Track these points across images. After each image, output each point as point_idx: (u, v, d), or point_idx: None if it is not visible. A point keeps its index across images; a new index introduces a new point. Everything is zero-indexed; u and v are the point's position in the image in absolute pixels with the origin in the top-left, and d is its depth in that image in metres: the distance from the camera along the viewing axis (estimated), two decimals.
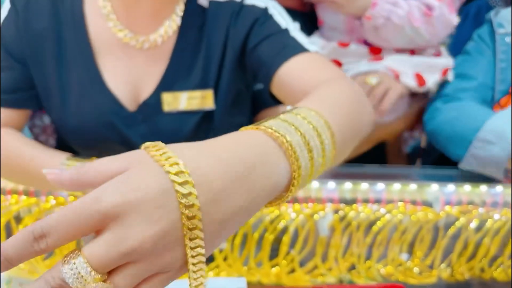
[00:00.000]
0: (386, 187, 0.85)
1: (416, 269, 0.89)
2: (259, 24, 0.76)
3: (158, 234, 0.31)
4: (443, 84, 1.05)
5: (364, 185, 0.85)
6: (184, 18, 0.77)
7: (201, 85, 0.79)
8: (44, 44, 0.77)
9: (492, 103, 1.01)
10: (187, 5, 0.78)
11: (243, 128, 0.40)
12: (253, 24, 0.76)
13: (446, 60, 1.06)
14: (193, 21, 0.78)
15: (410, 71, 1.01)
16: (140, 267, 0.32)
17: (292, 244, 0.86)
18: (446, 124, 0.96)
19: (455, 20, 1.01)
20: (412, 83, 1.00)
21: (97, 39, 0.77)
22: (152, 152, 0.35)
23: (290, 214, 0.84)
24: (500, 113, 0.90)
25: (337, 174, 0.86)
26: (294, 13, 1.10)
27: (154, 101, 0.79)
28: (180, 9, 0.77)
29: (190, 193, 0.32)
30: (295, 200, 0.85)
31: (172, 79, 0.79)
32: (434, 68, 1.03)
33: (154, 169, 0.33)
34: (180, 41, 0.78)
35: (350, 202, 0.85)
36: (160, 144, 0.36)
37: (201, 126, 0.81)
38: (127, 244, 0.31)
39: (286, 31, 0.74)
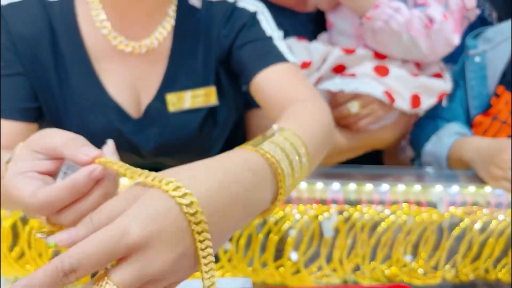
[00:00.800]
0: (390, 188, 0.86)
1: (420, 270, 0.89)
2: (247, 27, 0.79)
3: (179, 255, 0.36)
4: None
5: (368, 186, 0.86)
6: (177, 19, 0.78)
7: (203, 83, 0.81)
8: (41, 57, 0.76)
9: (468, 119, 1.05)
10: (178, 6, 0.79)
11: (238, 148, 0.45)
12: (242, 27, 0.79)
13: (446, 85, 1.03)
14: (187, 21, 0.79)
15: (407, 93, 0.99)
16: (161, 284, 0.36)
17: (297, 245, 0.86)
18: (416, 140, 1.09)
19: (456, 39, 0.98)
20: (406, 107, 0.99)
21: (94, 48, 0.76)
22: (149, 181, 0.37)
23: (295, 215, 0.84)
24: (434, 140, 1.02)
25: (341, 175, 0.87)
26: (295, 14, 1.11)
27: (158, 104, 0.80)
28: (172, 10, 0.78)
29: (196, 212, 0.36)
30: (299, 201, 0.85)
31: (173, 80, 0.79)
32: (432, 92, 1.01)
33: (159, 196, 0.36)
34: (176, 41, 0.79)
35: (354, 203, 0.85)
36: (149, 172, 0.38)
37: (206, 123, 0.83)
38: (153, 269, 0.35)
39: (270, 38, 0.78)
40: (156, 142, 0.81)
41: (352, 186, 0.85)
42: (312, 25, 1.12)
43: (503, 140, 0.89)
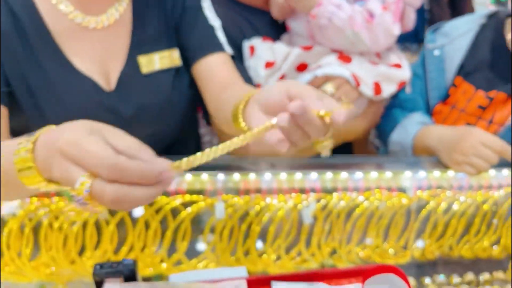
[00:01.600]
0: (364, 175, 0.91)
1: (391, 251, 0.95)
2: (194, 10, 0.88)
3: None
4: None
5: (343, 175, 0.90)
6: None
7: (166, 45, 0.87)
8: (8, 44, 0.76)
9: (427, 108, 1.12)
10: None
11: None
12: (188, 7, 0.87)
13: (405, 74, 1.10)
14: None
15: (370, 80, 1.04)
16: None
17: (278, 233, 0.90)
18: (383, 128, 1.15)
19: (397, 30, 1.04)
20: (369, 92, 1.04)
21: (57, 29, 0.78)
22: None
23: (275, 205, 0.88)
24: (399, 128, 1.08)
25: (318, 165, 0.91)
26: (264, 13, 1.13)
27: (131, 68, 0.83)
28: None
29: None
30: (280, 191, 0.88)
31: (140, 44, 0.84)
32: (392, 80, 1.08)
33: None
34: (136, 10, 0.83)
35: (331, 191, 0.90)
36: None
37: (176, 83, 0.88)
38: None
39: (213, 27, 0.89)
40: (134, 107, 0.83)
41: (328, 175, 0.90)
42: (279, 24, 1.15)
43: (464, 128, 0.96)
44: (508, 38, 1.05)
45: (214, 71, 0.87)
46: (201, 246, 0.90)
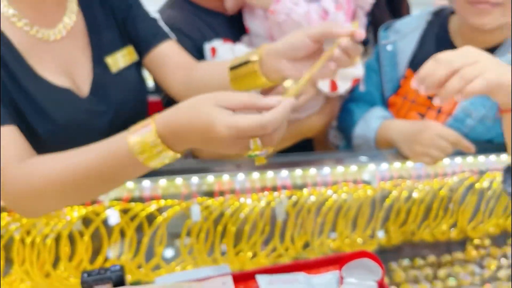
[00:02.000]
0: (331, 170, 0.95)
1: (359, 240, 1.01)
2: (135, 7, 0.92)
3: None
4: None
5: (312, 171, 0.94)
6: None
7: (122, 44, 0.90)
8: None
9: (383, 101, 1.19)
10: None
11: None
12: (131, 3, 0.91)
13: (358, 71, 1.16)
14: None
15: None
16: None
17: (253, 231, 0.93)
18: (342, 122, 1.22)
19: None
20: (326, 89, 1.09)
21: (24, 48, 0.77)
22: None
23: (250, 204, 0.90)
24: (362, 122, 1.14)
25: (288, 163, 0.94)
26: (222, 15, 1.15)
27: (101, 71, 0.85)
28: None
29: None
30: (253, 191, 0.91)
31: (101, 47, 0.86)
32: (347, 77, 1.13)
33: None
34: (86, 15, 0.85)
35: (301, 187, 0.94)
36: None
37: (140, 77, 0.93)
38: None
39: (155, 19, 0.94)
40: (112, 107, 0.84)
41: (298, 172, 0.93)
42: (238, 26, 1.17)
43: (422, 122, 1.02)
44: (452, 33, 1.13)
45: (171, 56, 0.92)
46: (178, 249, 0.91)
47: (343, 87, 1.12)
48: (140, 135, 0.60)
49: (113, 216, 0.85)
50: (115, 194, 0.86)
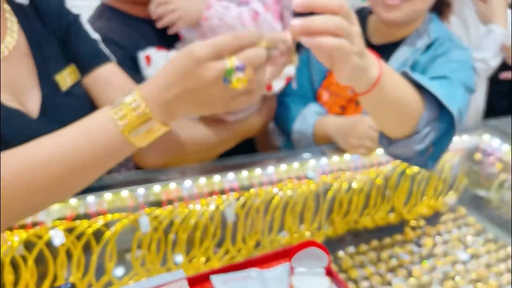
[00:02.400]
0: (275, 169, 0.98)
1: (307, 233, 1.04)
2: (76, 27, 0.91)
3: None
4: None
5: (257, 171, 0.96)
6: (17, 17, 0.83)
7: (65, 63, 0.88)
8: None
9: (313, 93, 1.24)
10: (11, 7, 0.82)
11: None
12: (70, 24, 0.90)
13: (290, 70, 1.21)
14: (24, 16, 0.84)
15: None
16: None
17: (204, 236, 0.93)
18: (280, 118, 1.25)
19: (279, 27, 1.15)
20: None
21: None
22: None
23: (199, 210, 0.91)
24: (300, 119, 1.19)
25: (233, 166, 0.96)
26: (150, 24, 1.15)
27: (50, 89, 0.83)
28: (8, 11, 0.81)
29: None
30: (201, 196, 0.91)
31: (46, 66, 0.84)
32: (280, 76, 1.18)
33: None
34: (28, 36, 0.83)
35: (248, 187, 0.96)
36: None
37: (86, 94, 0.91)
38: None
39: (96, 40, 0.93)
40: (66, 126, 0.80)
41: (244, 173, 0.95)
42: (170, 33, 1.17)
43: (356, 117, 1.08)
44: (370, 31, 1.20)
45: (111, 79, 0.91)
46: (130, 263, 0.89)
47: (278, 86, 1.16)
48: (121, 99, 0.60)
49: (58, 237, 0.81)
50: (58, 214, 0.82)
